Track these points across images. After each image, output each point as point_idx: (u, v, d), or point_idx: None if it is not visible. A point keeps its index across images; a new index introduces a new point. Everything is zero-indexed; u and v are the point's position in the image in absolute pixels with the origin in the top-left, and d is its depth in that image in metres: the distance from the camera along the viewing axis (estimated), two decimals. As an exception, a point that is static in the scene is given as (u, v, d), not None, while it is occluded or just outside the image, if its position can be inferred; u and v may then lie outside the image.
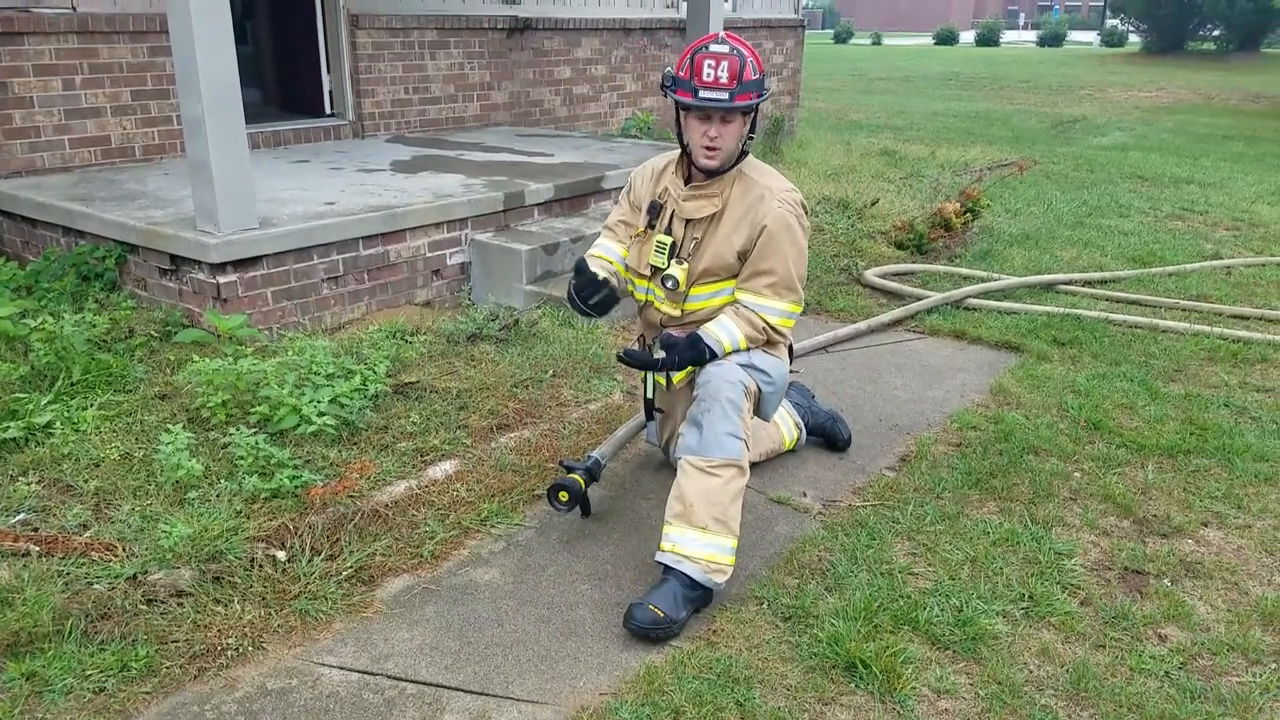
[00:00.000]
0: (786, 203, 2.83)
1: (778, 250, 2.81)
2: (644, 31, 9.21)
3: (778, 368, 2.96)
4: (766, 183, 2.86)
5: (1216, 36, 29.42)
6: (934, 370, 4.49)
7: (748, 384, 2.82)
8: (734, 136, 2.77)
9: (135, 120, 5.56)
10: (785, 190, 2.86)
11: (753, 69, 2.71)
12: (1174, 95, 19.46)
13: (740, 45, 2.74)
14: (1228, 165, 10.66)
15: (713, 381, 2.79)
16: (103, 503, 2.86)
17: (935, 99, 18.52)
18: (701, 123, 2.75)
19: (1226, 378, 4.37)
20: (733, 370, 2.81)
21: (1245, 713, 2.31)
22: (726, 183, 2.86)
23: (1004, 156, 10.48)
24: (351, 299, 4.51)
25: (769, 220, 2.80)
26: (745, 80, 2.69)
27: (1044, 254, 6.50)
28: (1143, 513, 3.23)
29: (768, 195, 2.82)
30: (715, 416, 2.72)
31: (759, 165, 2.95)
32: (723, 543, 2.65)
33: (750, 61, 2.71)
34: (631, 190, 3.10)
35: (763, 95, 2.77)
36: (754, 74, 2.72)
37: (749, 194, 2.84)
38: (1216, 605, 2.75)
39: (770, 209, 2.80)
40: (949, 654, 2.51)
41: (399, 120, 7.16)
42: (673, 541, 2.65)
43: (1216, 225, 7.65)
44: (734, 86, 2.67)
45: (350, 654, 2.46)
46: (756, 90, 2.73)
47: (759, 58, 2.77)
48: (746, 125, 2.80)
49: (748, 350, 2.89)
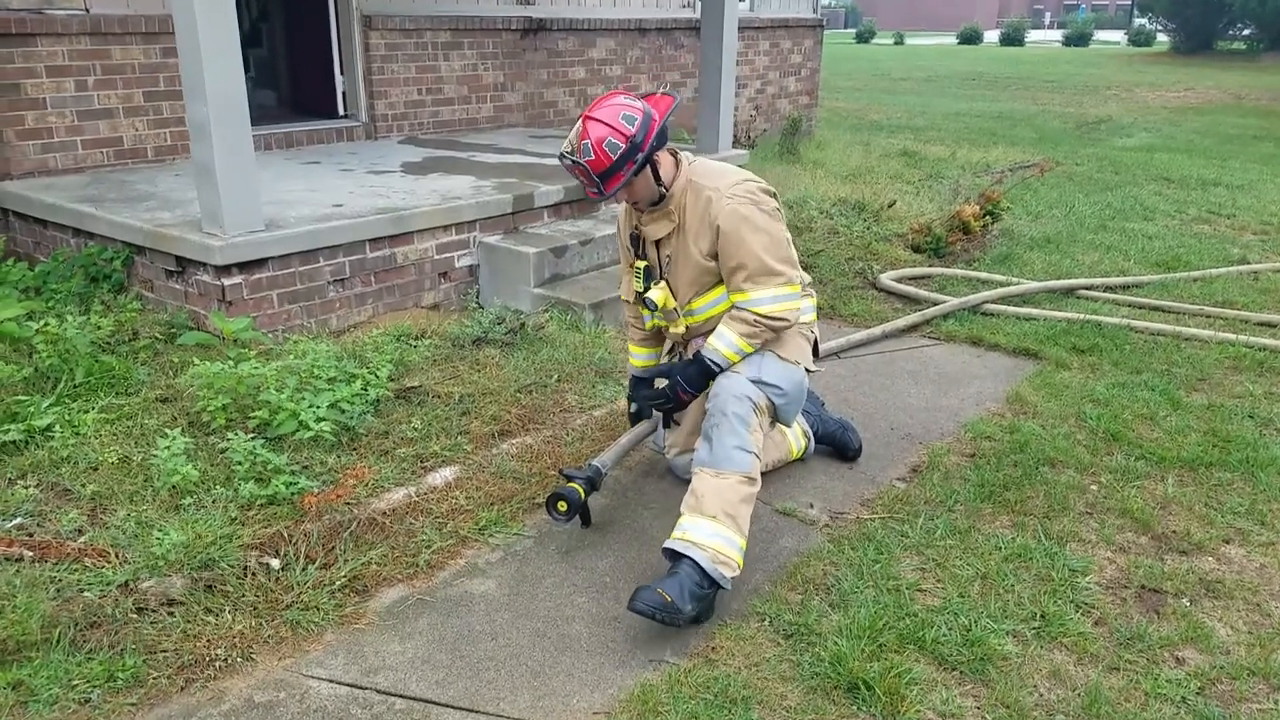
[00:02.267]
0: (735, 196, 2.87)
1: (739, 243, 2.84)
2: (660, 32, 9.15)
3: (789, 378, 2.93)
4: (714, 184, 2.90)
5: (1247, 36, 28.96)
6: (949, 378, 4.40)
7: (756, 399, 2.82)
8: (642, 189, 2.91)
9: (147, 121, 5.56)
10: (733, 184, 2.90)
11: (608, 151, 2.76)
12: (1202, 95, 19.15)
13: (588, 136, 2.77)
14: (1257, 167, 10.44)
15: (720, 396, 2.84)
16: (99, 507, 2.84)
17: (958, 99, 18.32)
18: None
19: (1252, 387, 4.26)
20: (740, 384, 2.83)
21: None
22: (678, 197, 2.94)
23: (1026, 158, 10.32)
24: (358, 302, 4.48)
25: (720, 219, 2.85)
26: (603, 170, 2.79)
27: (1065, 258, 6.39)
28: (1162, 528, 3.14)
29: (715, 196, 2.86)
30: (723, 431, 2.77)
31: (707, 168, 2.98)
32: (730, 536, 2.67)
33: (598, 153, 2.75)
34: (619, 230, 3.26)
35: (638, 158, 2.80)
36: (609, 158, 2.76)
37: (700, 198, 2.90)
38: (1237, 627, 2.66)
39: (720, 208, 2.85)
40: (956, 675, 2.43)
41: (412, 122, 7.14)
42: (683, 529, 2.68)
43: (1244, 229, 7.49)
44: (597, 183, 2.83)
45: (340, 667, 2.42)
46: (626, 161, 2.78)
47: (616, 127, 2.77)
48: (648, 174, 2.88)
49: (756, 353, 2.91)
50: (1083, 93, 19.69)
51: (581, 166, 2.80)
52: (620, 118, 2.78)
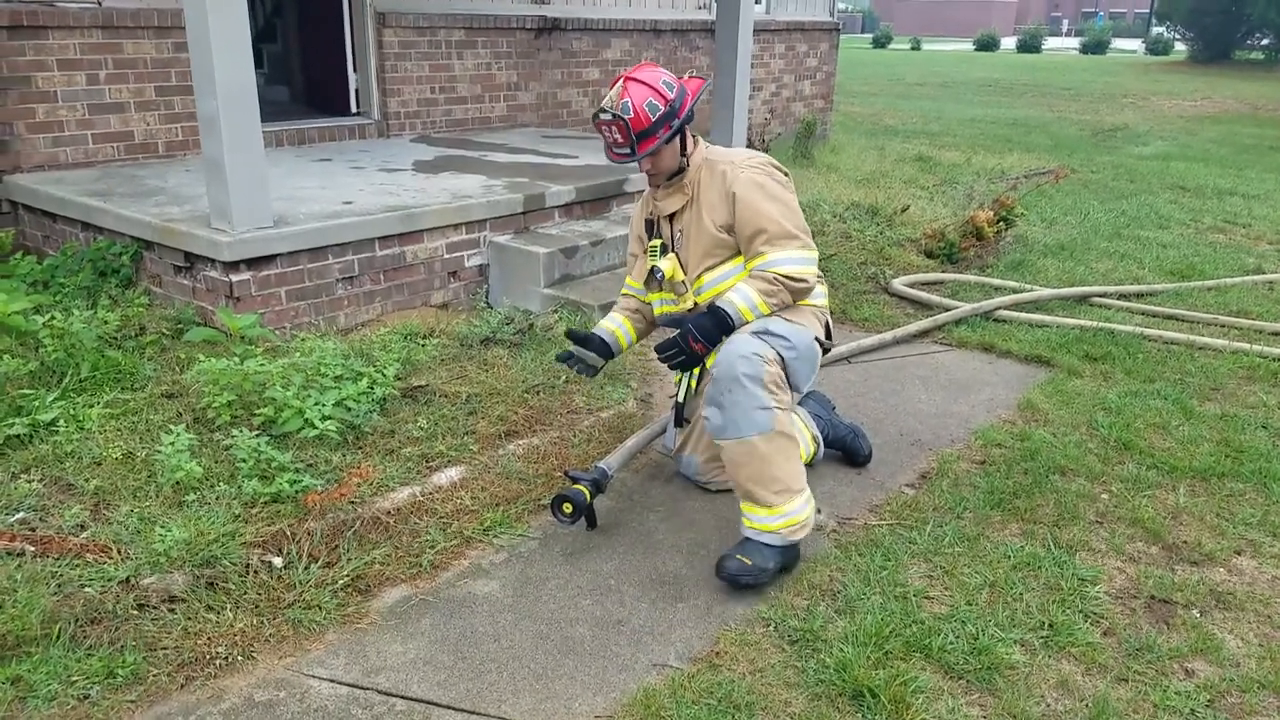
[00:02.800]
0: (750, 166, 2.94)
1: (756, 210, 2.88)
2: (675, 33, 9.13)
3: (798, 334, 2.89)
4: (729, 159, 2.99)
5: (1265, 46, 28.79)
6: (960, 384, 4.36)
7: (763, 353, 2.77)
8: (667, 159, 2.96)
9: (159, 116, 5.57)
10: (747, 159, 2.99)
11: (648, 111, 2.82)
12: (1219, 105, 19.03)
13: (628, 95, 2.83)
14: (1273, 177, 10.36)
15: (724, 360, 2.79)
16: (102, 503, 2.82)
17: (973, 105, 18.25)
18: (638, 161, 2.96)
19: (1265, 398, 4.21)
20: (744, 343, 2.79)
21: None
22: (693, 173, 3.01)
23: (1042, 164, 10.27)
24: (366, 300, 4.47)
25: (737, 187, 2.89)
26: (640, 130, 2.83)
27: (1079, 265, 6.34)
28: (1172, 538, 3.10)
29: (729, 169, 2.93)
30: (736, 395, 2.75)
31: (721, 150, 3.07)
32: (790, 506, 2.77)
33: (644, 105, 2.82)
34: (632, 223, 3.33)
35: (674, 123, 2.87)
36: (649, 118, 2.82)
37: (715, 172, 2.97)
38: (1248, 639, 2.62)
39: (736, 177, 2.91)
40: (962, 684, 2.40)
41: (425, 120, 7.13)
42: (749, 518, 2.80)
43: (1259, 239, 7.42)
44: (629, 142, 2.86)
45: (341, 666, 2.40)
46: (663, 124, 2.85)
47: (657, 88, 2.85)
48: (676, 144, 2.95)
49: (768, 315, 2.90)
50: (1099, 100, 19.60)
51: (622, 122, 2.82)
52: (661, 82, 2.88)
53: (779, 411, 2.77)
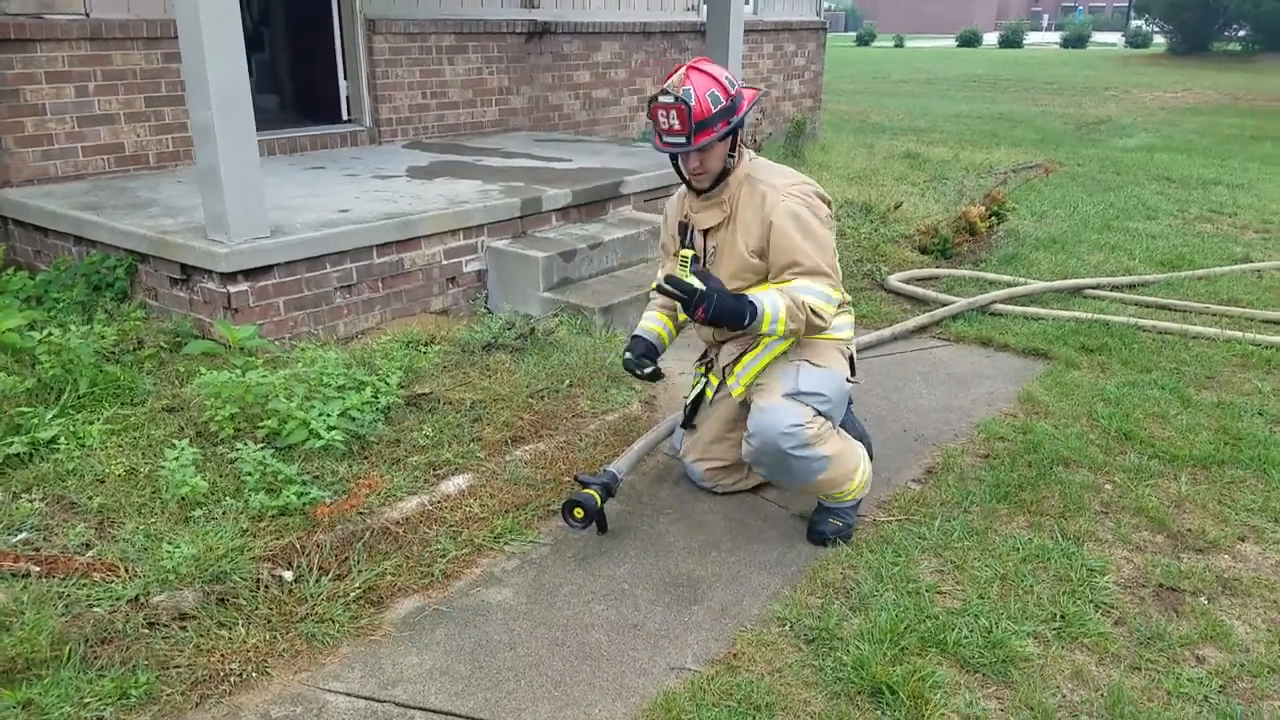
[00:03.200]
0: (791, 195, 2.87)
1: (792, 242, 2.84)
2: (664, 35, 9.13)
3: (829, 382, 2.92)
4: (771, 181, 2.92)
5: (1242, 37, 29.02)
6: (960, 379, 4.38)
7: (802, 421, 2.83)
8: (715, 159, 2.89)
9: (149, 127, 5.53)
10: (790, 185, 2.91)
11: (710, 101, 2.77)
12: (1199, 96, 19.18)
13: (693, 82, 2.78)
14: (1255, 166, 10.45)
15: (765, 435, 2.86)
16: (106, 521, 2.79)
17: (958, 101, 18.33)
18: (681, 156, 2.88)
19: (1260, 385, 4.24)
20: (782, 415, 2.84)
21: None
22: (733, 188, 2.95)
23: (1028, 159, 10.32)
24: (365, 308, 4.45)
25: (774, 215, 2.84)
26: (701, 119, 2.76)
27: (1070, 258, 6.38)
28: (1177, 527, 3.12)
29: (770, 193, 2.88)
30: (790, 465, 2.88)
31: (767, 166, 3.00)
32: (856, 481, 3.01)
33: (706, 95, 2.76)
34: (666, 218, 3.25)
35: (732, 120, 2.83)
36: (710, 108, 2.77)
37: (755, 193, 2.91)
38: (1255, 625, 2.64)
39: (775, 204, 2.85)
40: (979, 677, 2.41)
41: (416, 126, 7.11)
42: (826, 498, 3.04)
43: (1245, 228, 7.48)
44: (687, 131, 2.77)
45: (357, 680, 2.38)
46: (722, 119, 2.80)
47: (721, 82, 2.82)
48: (727, 145, 2.89)
49: (790, 365, 2.91)
50: (1082, 94, 19.71)
51: (684, 106, 2.73)
52: (724, 77, 2.85)
53: (829, 454, 2.89)
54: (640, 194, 5.74)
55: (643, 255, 5.30)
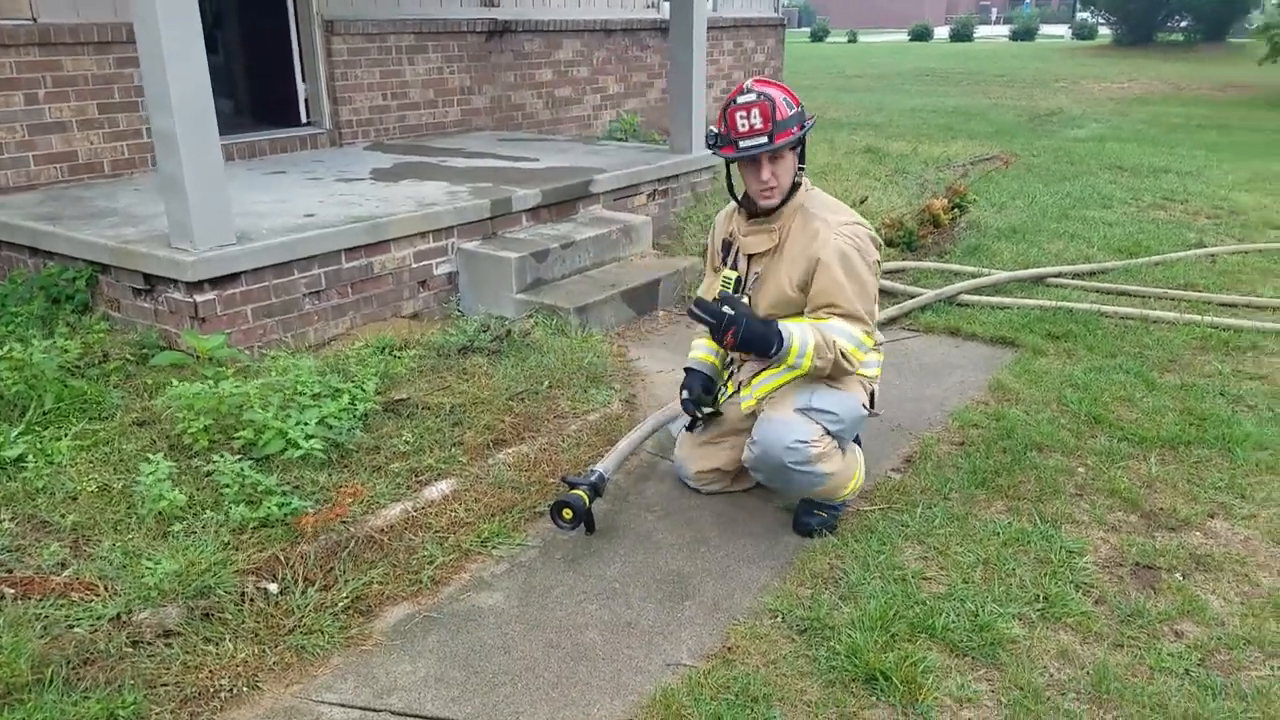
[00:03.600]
0: (844, 235, 2.85)
1: (836, 282, 2.82)
2: (625, 32, 9.12)
3: (844, 405, 2.91)
4: (825, 216, 2.90)
5: (1184, 28, 29.66)
6: (931, 369, 4.43)
7: (807, 437, 2.83)
8: (787, 172, 2.88)
9: (103, 135, 5.40)
10: (844, 223, 2.89)
11: (786, 105, 2.80)
12: (1145, 86, 19.57)
13: (768, 87, 2.82)
14: (1203, 154, 10.68)
15: (769, 446, 2.87)
16: (81, 539, 2.72)
17: (913, 95, 18.51)
18: (752, 169, 2.85)
19: (1220, 366, 4.35)
20: (788, 429, 2.84)
21: (1268, 707, 2.27)
22: (787, 217, 2.93)
23: (985, 151, 10.45)
24: (335, 314, 4.39)
25: (824, 252, 2.82)
26: (781, 119, 2.77)
27: (1031, 247, 6.46)
28: (1149, 506, 3.19)
29: (823, 229, 2.85)
30: (788, 477, 2.90)
31: (822, 199, 2.98)
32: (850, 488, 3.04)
33: (781, 99, 2.80)
34: (714, 231, 3.23)
35: (805, 127, 2.85)
36: (788, 110, 2.80)
37: (808, 227, 2.89)
38: (1229, 599, 2.71)
39: (826, 241, 2.84)
40: (968, 661, 2.44)
41: (377, 127, 7.03)
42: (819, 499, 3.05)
43: (1197, 214, 7.64)
44: (769, 128, 2.76)
45: (351, 690, 2.35)
46: (797, 123, 2.82)
47: (792, 93, 2.85)
48: (796, 160, 2.90)
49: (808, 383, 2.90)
50: (1032, 86, 20.01)
51: (767, 102, 2.74)
52: (791, 93, 2.86)
53: (830, 471, 2.90)
54: (610, 193, 5.73)
55: (615, 254, 5.29)
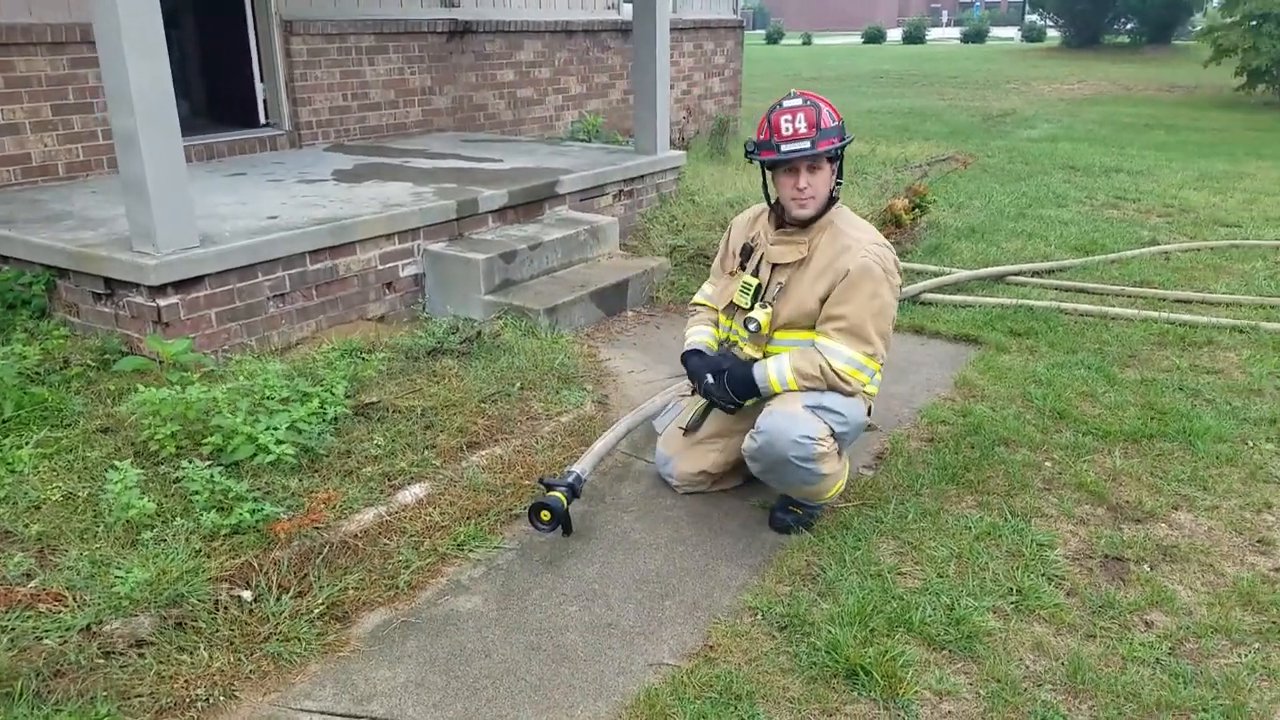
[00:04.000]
0: (873, 254, 2.89)
1: (854, 296, 2.85)
2: (586, 34, 9.11)
3: (852, 409, 2.94)
4: (855, 235, 2.95)
5: (1130, 30, 30.34)
6: (897, 366, 4.47)
7: (814, 434, 2.83)
8: (824, 183, 2.91)
9: (57, 136, 5.27)
10: (874, 243, 2.94)
11: (829, 116, 2.84)
12: (1095, 87, 20.01)
13: (813, 97, 2.88)
14: (1152, 153, 10.94)
15: (774, 438, 2.86)
16: (47, 548, 2.65)
17: (869, 97, 18.73)
18: (790, 176, 2.89)
19: (1178, 361, 4.45)
20: (796, 424, 2.83)
21: (1236, 694, 2.32)
22: (816, 231, 2.96)
23: (941, 152, 10.61)
24: (300, 317, 4.33)
25: (851, 267, 2.86)
26: (824, 128, 2.83)
27: (990, 246, 6.57)
28: (1115, 499, 3.25)
29: (855, 246, 2.89)
30: (788, 472, 2.88)
31: (851, 217, 3.02)
32: (834, 492, 3.02)
33: (825, 110, 2.84)
34: (730, 234, 3.27)
35: (845, 139, 2.89)
36: (831, 120, 2.84)
37: (836, 242, 2.92)
38: (1196, 588, 2.77)
39: (855, 257, 2.87)
40: (946, 654, 2.48)
41: (338, 128, 6.94)
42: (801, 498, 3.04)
43: (1149, 212, 7.82)
44: (813, 134, 2.81)
45: (330, 697, 2.32)
46: (838, 135, 2.86)
47: (833, 107, 2.89)
48: (834, 172, 2.91)
49: (802, 391, 2.91)
50: (984, 87, 20.36)
51: (812, 109, 2.81)
52: (833, 107, 2.91)
53: (827, 472, 2.90)
54: (576, 194, 5.72)
55: (583, 255, 5.28)
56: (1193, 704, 2.29)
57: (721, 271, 3.27)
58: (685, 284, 5.43)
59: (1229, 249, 6.48)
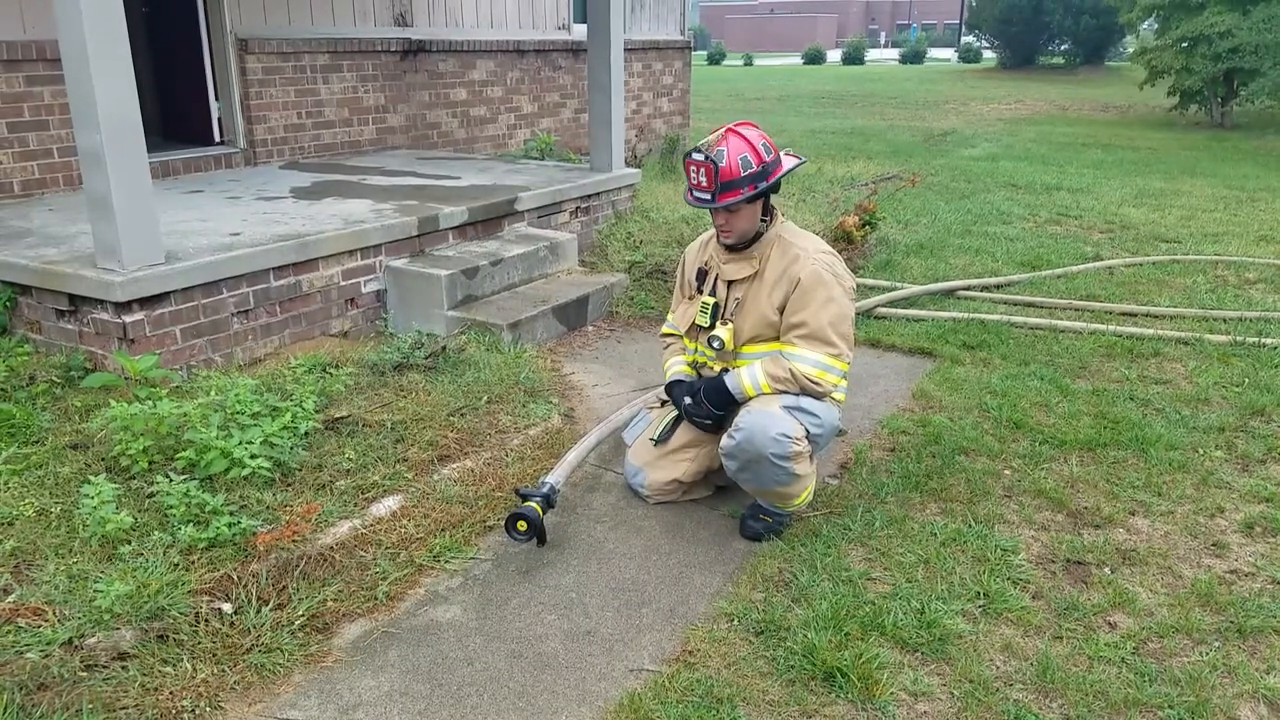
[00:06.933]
0: (821, 261, 3.01)
1: (809, 303, 2.97)
2: (538, 53, 9.19)
3: (827, 412, 3.05)
4: (803, 244, 3.08)
5: (1064, 51, 31.32)
6: (856, 379, 4.56)
7: (791, 433, 2.92)
8: (744, 219, 3.02)
9: (12, 154, 5.17)
10: (821, 251, 3.07)
11: (740, 164, 2.90)
12: (1031, 107, 20.64)
13: (726, 144, 2.92)
14: (1091, 171, 11.29)
15: (752, 435, 2.93)
16: (22, 564, 2.62)
17: (811, 117, 19.07)
18: (714, 212, 3.02)
19: (1127, 372, 4.59)
20: (774, 422, 2.91)
21: (1200, 691, 2.41)
22: (765, 245, 3.08)
23: (885, 170, 10.85)
24: (264, 333, 4.30)
25: (802, 275, 2.99)
26: (726, 180, 2.91)
27: (940, 262, 6.72)
28: (1074, 505, 3.35)
29: (803, 255, 3.02)
30: (763, 469, 2.94)
31: (796, 230, 3.15)
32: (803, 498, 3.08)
33: (730, 162, 2.90)
34: (684, 262, 3.38)
35: (760, 185, 2.94)
36: (738, 171, 2.90)
37: (786, 254, 3.05)
38: (1156, 590, 2.87)
39: (805, 265, 3.00)
40: (919, 656, 2.55)
41: (293, 146, 6.91)
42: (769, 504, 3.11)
43: (1091, 229, 8.07)
44: (713, 189, 2.91)
45: (315, 707, 2.32)
46: (750, 183, 2.93)
47: (756, 148, 2.94)
48: (757, 208, 3.03)
49: (776, 394, 3.01)
50: (924, 107, 20.87)
51: (711, 165, 2.88)
52: (760, 144, 2.94)
53: (801, 474, 2.98)
54: (534, 210, 5.77)
55: (543, 271, 5.33)
56: (1159, 701, 2.38)
57: (681, 298, 3.37)
58: (644, 299, 5.50)
59: (1170, 264, 6.70)
